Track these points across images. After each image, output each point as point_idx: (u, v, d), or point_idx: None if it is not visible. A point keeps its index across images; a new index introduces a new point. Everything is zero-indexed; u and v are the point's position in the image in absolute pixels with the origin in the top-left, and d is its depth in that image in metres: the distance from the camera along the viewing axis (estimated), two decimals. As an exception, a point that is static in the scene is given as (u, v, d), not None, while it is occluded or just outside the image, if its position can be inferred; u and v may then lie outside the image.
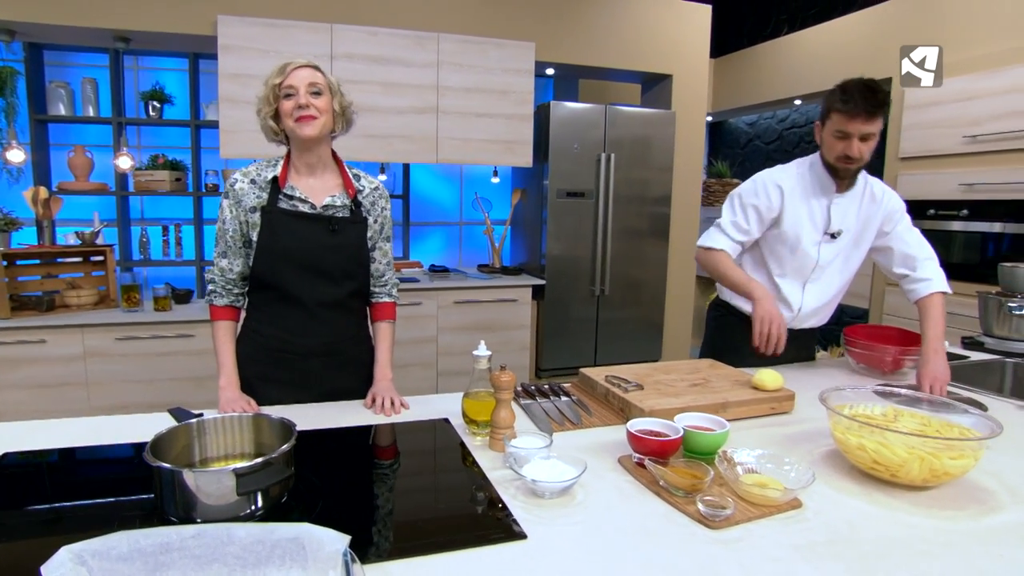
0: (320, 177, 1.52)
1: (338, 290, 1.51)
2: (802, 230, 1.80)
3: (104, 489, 1.04)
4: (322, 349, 1.52)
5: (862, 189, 1.82)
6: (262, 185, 1.46)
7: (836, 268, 1.86)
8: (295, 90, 1.41)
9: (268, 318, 1.50)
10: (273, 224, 1.45)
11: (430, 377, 3.52)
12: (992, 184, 3.22)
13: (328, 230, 1.48)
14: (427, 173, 4.28)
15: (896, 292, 3.73)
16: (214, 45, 3.18)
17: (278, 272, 1.45)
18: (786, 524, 0.96)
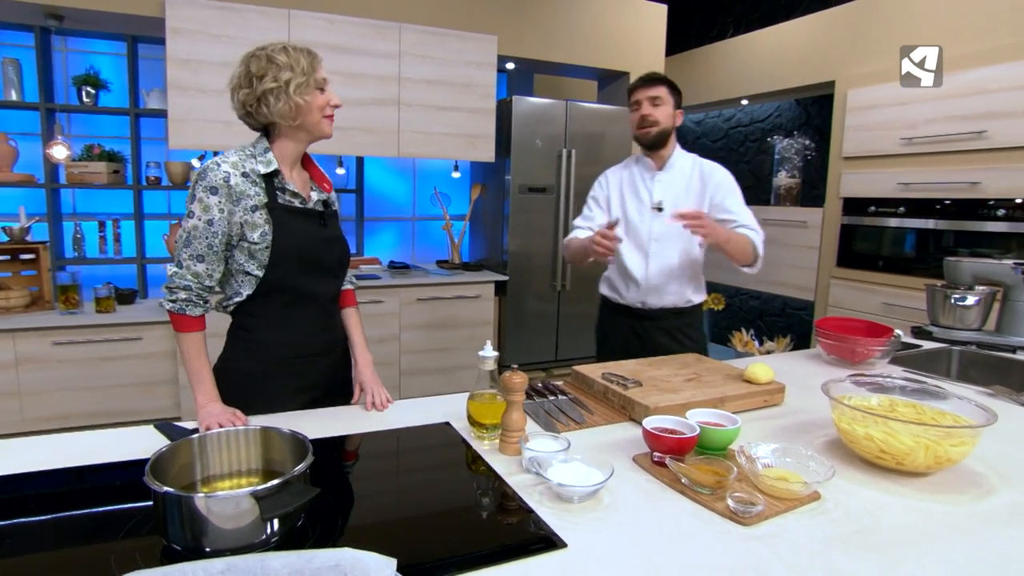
0: (300, 171, 1.47)
1: (338, 283, 1.52)
2: (630, 208, 2.05)
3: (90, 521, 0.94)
4: (334, 344, 1.53)
5: (690, 169, 2.04)
6: (255, 180, 1.35)
7: (673, 242, 2.01)
8: (326, 84, 1.38)
9: (279, 325, 1.41)
10: (283, 222, 1.36)
11: (393, 376, 3.43)
12: (927, 183, 3.43)
13: (319, 224, 1.45)
14: (380, 167, 4.17)
15: (840, 284, 3.93)
16: (157, 27, 2.98)
17: (295, 273, 1.39)
18: (812, 517, 0.97)
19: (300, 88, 1.32)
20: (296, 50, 1.36)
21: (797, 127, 4.82)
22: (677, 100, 2.01)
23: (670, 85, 1.99)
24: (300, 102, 1.33)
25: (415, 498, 1.06)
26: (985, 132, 3.15)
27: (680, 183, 2.03)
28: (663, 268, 2.02)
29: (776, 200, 4.63)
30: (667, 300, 2.05)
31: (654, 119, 1.95)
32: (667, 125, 1.98)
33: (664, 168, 2.04)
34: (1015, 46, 3.00)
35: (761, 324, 5.27)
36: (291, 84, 1.31)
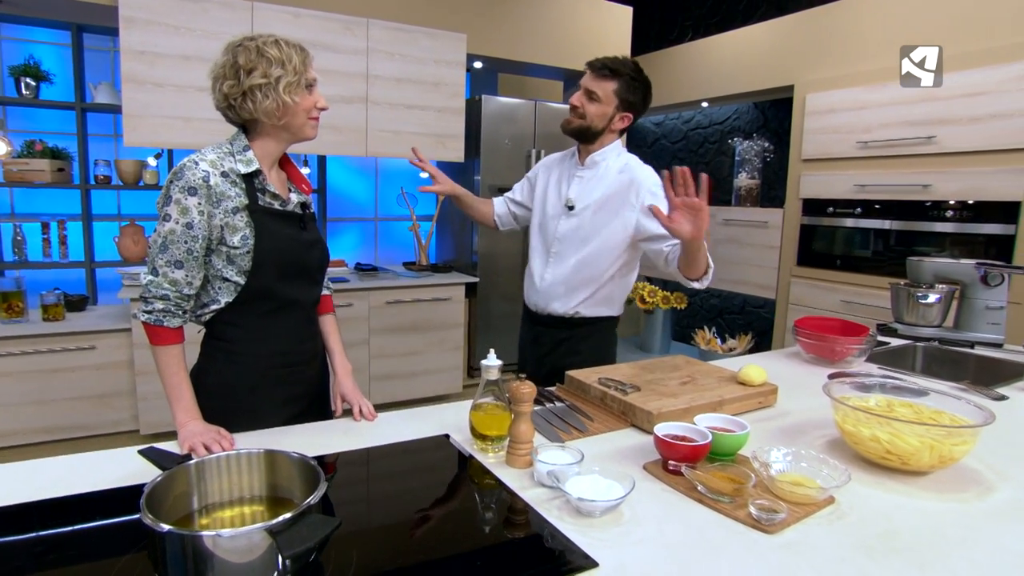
0: (278, 172, 1.41)
1: (319, 289, 1.46)
2: (547, 203, 1.90)
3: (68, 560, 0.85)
4: (318, 350, 1.48)
5: (617, 171, 1.80)
6: (235, 180, 1.27)
7: (573, 244, 1.83)
8: (316, 84, 1.33)
9: (261, 334, 1.33)
10: (265, 226, 1.29)
11: (363, 382, 3.34)
12: (882, 185, 3.56)
13: (299, 227, 1.38)
14: (342, 166, 4.06)
15: (801, 283, 4.04)
16: (107, 16, 2.80)
17: (278, 279, 1.32)
18: (831, 522, 0.97)
19: (290, 87, 1.26)
20: (289, 45, 1.29)
21: (755, 129, 4.94)
22: (627, 103, 1.75)
23: (625, 84, 1.72)
24: (288, 101, 1.26)
25: (430, 519, 1.01)
26: (934, 137, 3.30)
27: (600, 184, 1.81)
28: (559, 273, 1.86)
29: (737, 201, 4.73)
30: (555, 307, 1.88)
31: (581, 112, 1.75)
32: (594, 125, 1.75)
33: (587, 165, 1.84)
34: (961, 56, 3.14)
35: (721, 322, 5.38)
36: (281, 82, 1.24)
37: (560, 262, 1.85)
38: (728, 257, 4.62)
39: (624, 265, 1.86)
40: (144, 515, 0.71)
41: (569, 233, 1.83)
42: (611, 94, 1.72)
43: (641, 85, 1.76)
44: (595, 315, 1.90)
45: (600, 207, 1.80)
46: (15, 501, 0.96)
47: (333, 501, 0.98)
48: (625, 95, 1.74)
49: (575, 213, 1.82)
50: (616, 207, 1.79)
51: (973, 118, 3.14)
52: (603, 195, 1.80)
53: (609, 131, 1.79)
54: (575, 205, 1.82)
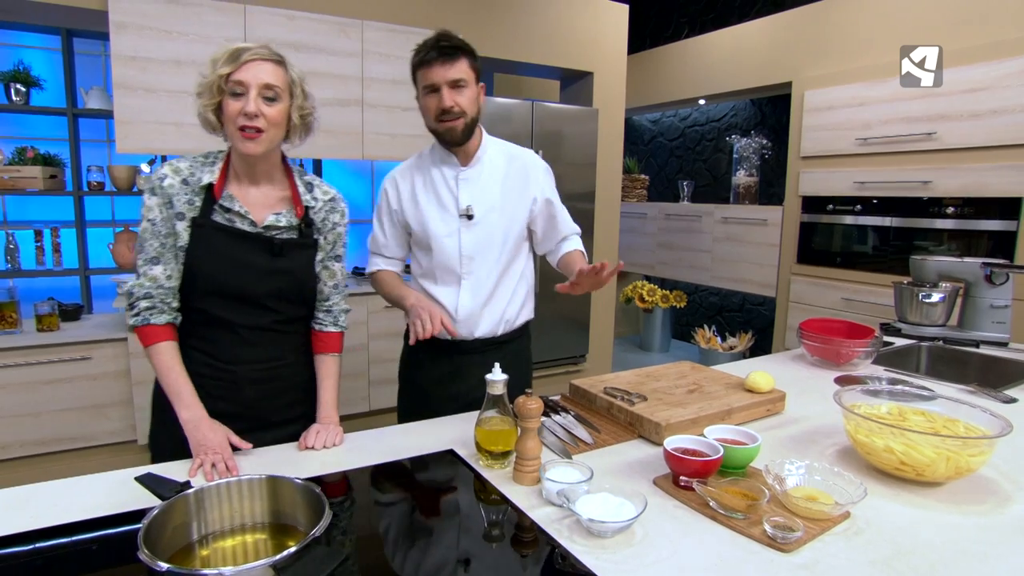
0: (264, 188, 1.30)
1: (273, 316, 1.31)
2: (429, 220, 1.58)
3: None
4: (256, 375, 1.31)
5: (503, 162, 1.62)
6: (195, 188, 1.24)
7: (487, 254, 1.60)
8: (245, 89, 1.17)
9: (193, 341, 1.29)
10: (205, 242, 1.23)
11: (362, 388, 3.31)
12: (882, 182, 3.55)
13: (268, 253, 1.27)
14: (337, 168, 4.02)
15: (801, 281, 4.03)
16: (98, 21, 2.76)
17: (204, 297, 1.25)
18: (848, 539, 0.95)
19: (204, 90, 1.20)
20: (228, 47, 1.20)
21: (753, 126, 4.92)
22: (478, 74, 1.51)
23: (471, 56, 1.48)
24: (200, 109, 1.22)
25: (436, 541, 0.98)
26: (935, 133, 3.28)
27: (492, 180, 1.59)
28: (479, 291, 1.60)
29: (735, 199, 4.71)
30: (484, 328, 1.62)
31: (460, 109, 1.46)
32: (474, 115, 1.50)
33: (471, 164, 1.58)
34: (961, 52, 3.12)
35: (721, 320, 5.37)
36: (201, 97, 1.21)
37: (477, 281, 1.60)
38: (727, 255, 4.61)
39: (527, 251, 1.72)
40: (141, 552, 0.69)
41: (478, 244, 1.58)
42: (469, 71, 1.47)
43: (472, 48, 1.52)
44: (527, 318, 1.76)
45: (504, 204, 1.60)
46: (11, 531, 0.93)
47: (336, 523, 0.95)
48: (475, 66, 1.50)
49: (477, 220, 1.57)
50: (517, 198, 1.62)
51: (973, 114, 3.13)
52: (502, 192, 1.60)
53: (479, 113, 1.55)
54: (474, 213, 1.57)
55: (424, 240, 1.60)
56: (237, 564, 0.70)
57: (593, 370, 4.33)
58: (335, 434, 1.30)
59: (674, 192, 5.46)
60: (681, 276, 5.03)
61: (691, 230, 4.89)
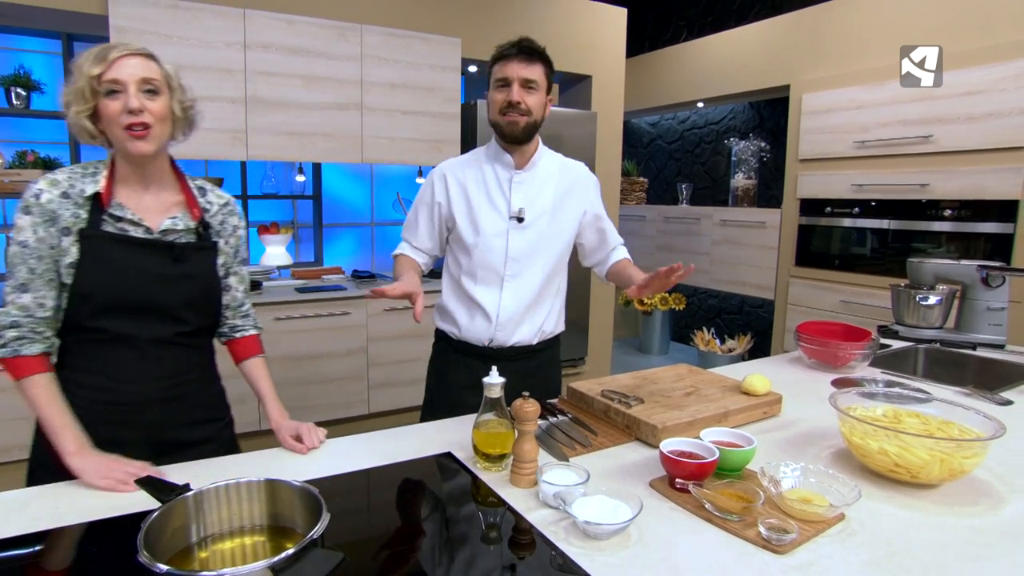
0: (156, 193, 1.23)
1: (180, 327, 1.24)
2: (480, 217, 1.59)
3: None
4: (161, 394, 1.23)
5: (556, 170, 1.65)
6: (78, 200, 1.15)
7: (533, 259, 1.61)
8: (122, 87, 1.10)
9: (87, 364, 1.19)
10: (97, 254, 1.15)
11: (361, 391, 3.31)
12: (879, 185, 3.56)
13: (169, 259, 1.21)
14: (337, 172, 4.03)
15: (799, 283, 4.04)
16: (98, 26, 2.77)
17: (99, 315, 1.16)
18: (843, 540, 0.96)
19: (74, 97, 1.11)
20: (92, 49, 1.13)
21: (751, 129, 4.94)
22: (550, 85, 1.56)
23: (548, 65, 1.53)
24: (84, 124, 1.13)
25: (434, 543, 0.99)
26: (932, 136, 3.29)
27: (544, 187, 1.61)
28: (522, 296, 1.60)
29: (734, 201, 4.72)
30: (521, 336, 1.63)
31: (525, 108, 1.49)
32: (540, 117, 1.54)
33: (526, 167, 1.60)
34: (958, 55, 3.13)
35: (720, 322, 5.37)
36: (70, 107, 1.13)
37: (520, 284, 1.60)
38: (725, 257, 4.62)
39: (566, 267, 1.74)
40: (141, 554, 0.69)
41: (526, 248, 1.59)
42: (543, 78, 1.52)
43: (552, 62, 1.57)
44: (560, 330, 1.75)
45: (555, 212, 1.62)
46: (11, 534, 0.94)
47: (335, 526, 0.95)
48: (550, 76, 1.55)
49: (528, 224, 1.58)
50: (568, 209, 1.64)
51: (970, 117, 3.14)
52: (554, 198, 1.62)
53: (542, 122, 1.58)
54: (525, 216, 1.58)
55: (470, 237, 1.59)
56: (236, 566, 0.70)
57: (592, 372, 4.34)
58: (318, 430, 1.30)
59: (673, 195, 5.48)
60: (680, 279, 5.04)
61: (690, 233, 4.91)
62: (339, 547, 0.87)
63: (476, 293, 1.61)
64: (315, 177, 3.92)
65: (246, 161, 3.40)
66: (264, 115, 3.02)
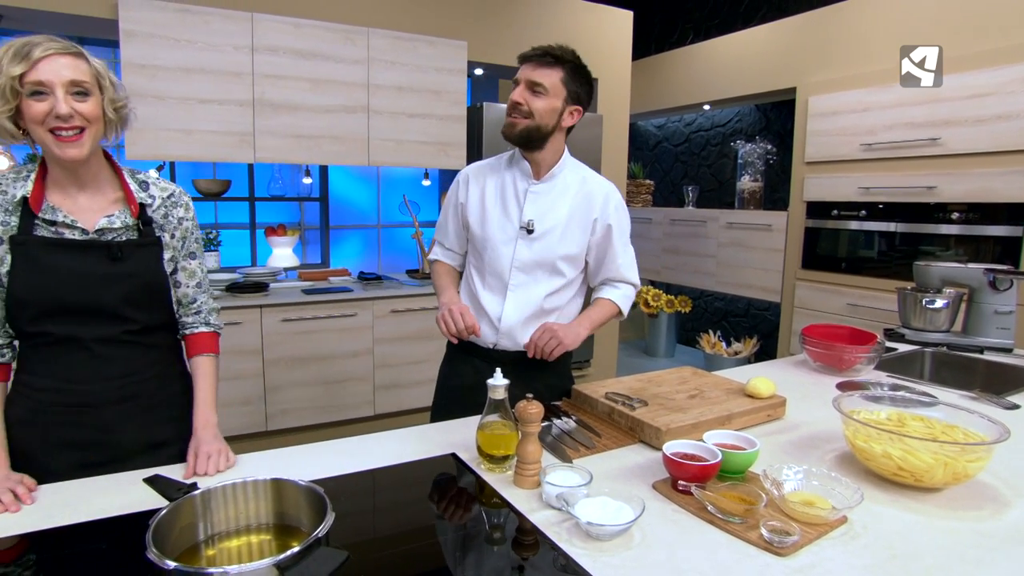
0: (91, 192, 1.19)
1: (126, 325, 1.21)
2: (492, 224, 1.58)
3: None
4: (115, 395, 1.20)
5: (576, 186, 1.60)
6: (8, 207, 1.12)
7: (539, 273, 1.58)
8: (48, 89, 1.05)
9: (39, 367, 1.18)
10: (30, 259, 1.11)
11: (367, 392, 3.33)
12: (886, 188, 3.55)
13: (107, 258, 1.17)
14: (343, 174, 4.05)
15: (806, 286, 4.02)
16: (108, 30, 2.81)
17: (42, 319, 1.14)
18: (845, 543, 0.96)
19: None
20: (12, 44, 1.06)
21: (757, 131, 4.93)
22: (575, 95, 1.50)
23: (571, 72, 1.48)
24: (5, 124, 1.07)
25: (438, 543, 1.00)
26: (939, 139, 3.28)
27: (560, 201, 1.57)
28: (524, 305, 1.58)
29: (740, 203, 4.72)
30: (520, 343, 1.58)
31: (527, 110, 1.47)
32: (544, 123, 1.49)
33: (544, 179, 1.59)
34: (965, 58, 3.12)
35: (726, 325, 5.36)
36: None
37: (523, 295, 1.58)
38: (732, 260, 4.61)
39: (581, 284, 1.69)
40: (150, 551, 0.71)
41: (531, 261, 1.57)
42: (558, 84, 1.47)
43: (586, 73, 1.53)
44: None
45: (567, 228, 1.57)
46: (19, 531, 0.95)
47: (339, 526, 0.96)
48: (572, 85, 1.49)
49: (536, 237, 1.55)
50: (579, 222, 1.58)
51: (978, 119, 3.13)
52: (568, 213, 1.57)
53: (559, 130, 1.54)
54: (535, 228, 1.55)
55: (481, 242, 1.61)
56: (242, 564, 0.72)
57: (597, 375, 4.34)
58: (223, 455, 1.19)
59: (679, 197, 5.47)
60: (686, 281, 5.04)
61: (696, 235, 4.90)
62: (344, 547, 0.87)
63: (483, 298, 1.61)
64: (322, 179, 3.94)
65: (253, 163, 3.43)
66: (272, 118, 3.04)
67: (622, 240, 1.63)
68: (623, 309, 1.65)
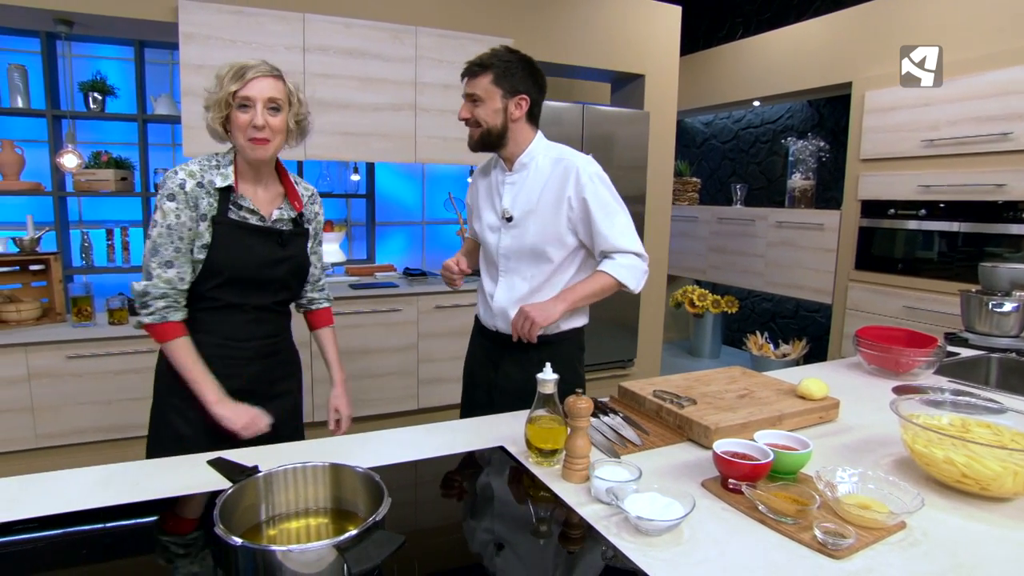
0: (267, 186, 1.47)
1: (278, 296, 1.50)
2: (483, 217, 1.75)
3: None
4: (263, 350, 1.49)
5: (549, 169, 1.63)
6: (209, 190, 1.37)
7: (522, 258, 1.66)
8: (252, 103, 1.33)
9: (207, 327, 1.42)
10: (226, 236, 1.38)
11: (411, 386, 3.38)
12: (949, 186, 3.39)
13: (277, 243, 1.46)
14: (389, 171, 4.12)
15: (859, 287, 3.89)
16: (166, 32, 2.92)
17: (223, 287, 1.39)
18: (903, 549, 0.93)
19: (214, 106, 1.34)
20: (233, 65, 1.34)
21: (810, 128, 4.79)
22: (511, 88, 1.57)
23: (499, 71, 1.56)
24: (209, 121, 1.36)
25: (487, 533, 1.01)
26: (1011, 133, 3.12)
27: (534, 186, 1.64)
28: (513, 291, 1.68)
29: (791, 202, 4.59)
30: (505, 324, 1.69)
31: (474, 121, 1.60)
32: (492, 125, 1.58)
33: (515, 170, 1.66)
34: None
35: (774, 326, 5.23)
36: (209, 111, 1.36)
37: (511, 279, 1.68)
38: (781, 260, 4.49)
39: (583, 262, 1.71)
40: (217, 527, 0.74)
41: (514, 246, 1.66)
42: (490, 87, 1.56)
43: (518, 63, 1.58)
44: (568, 327, 1.72)
45: (542, 210, 1.63)
46: (96, 504, 1.01)
47: (391, 513, 0.99)
48: (504, 82, 1.56)
49: (515, 224, 1.65)
50: (553, 202, 1.62)
51: (1052, 113, 2.96)
52: (540, 194, 1.63)
53: (513, 123, 1.59)
54: (513, 215, 1.65)
55: (478, 234, 1.81)
56: (303, 543, 0.74)
57: (641, 374, 4.29)
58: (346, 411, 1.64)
59: (726, 195, 5.36)
60: (733, 281, 4.94)
61: (744, 234, 4.79)
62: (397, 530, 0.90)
63: (485, 284, 1.78)
64: (369, 176, 4.01)
65: (303, 161, 3.51)
66: (321, 116, 3.11)
67: (603, 211, 1.61)
68: (621, 279, 1.62)
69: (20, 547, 0.89)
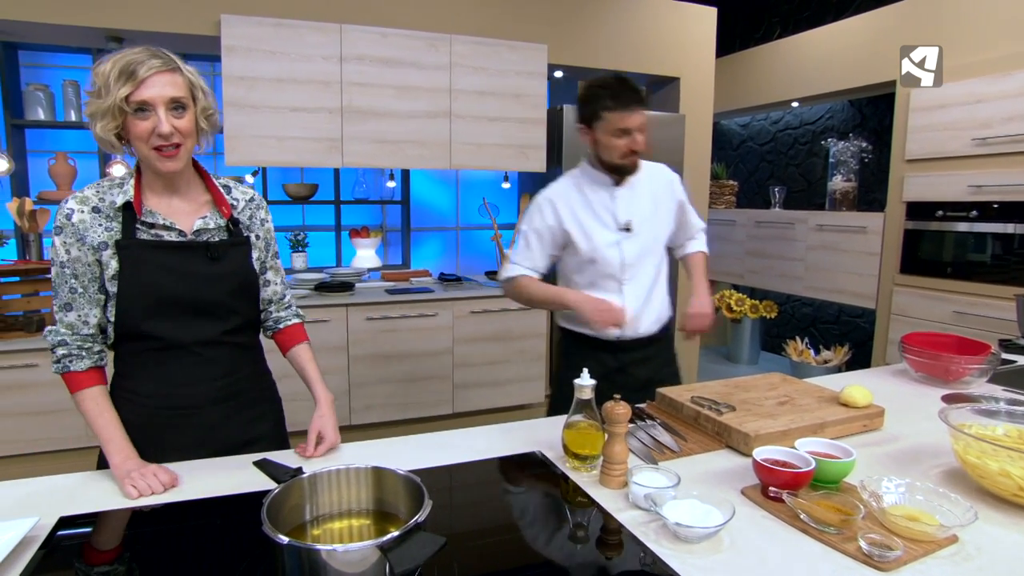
0: (185, 195, 1.24)
1: (224, 324, 1.26)
2: (594, 234, 1.78)
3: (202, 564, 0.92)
4: (218, 395, 1.26)
5: (647, 178, 1.85)
6: (109, 214, 1.16)
7: (645, 263, 1.83)
8: (151, 107, 1.10)
9: (143, 373, 1.22)
10: (135, 262, 1.16)
11: (446, 390, 3.41)
12: (1003, 186, 3.27)
13: (206, 258, 1.22)
14: (424, 177, 4.17)
15: (905, 292, 3.77)
16: (211, 46, 3.02)
17: (149, 321, 1.18)
18: (956, 564, 0.90)
19: (100, 114, 1.10)
20: (114, 63, 1.09)
21: (851, 129, 4.67)
22: None
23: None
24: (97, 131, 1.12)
25: (525, 537, 1.02)
26: (1067, 131, 2.99)
27: (644, 196, 1.82)
28: (640, 295, 1.82)
29: (832, 205, 4.48)
30: (646, 326, 1.84)
31: (646, 150, 1.75)
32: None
33: (623, 184, 1.80)
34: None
35: (815, 332, 5.11)
36: (96, 121, 1.11)
37: (638, 284, 1.82)
38: (822, 264, 4.39)
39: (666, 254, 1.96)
40: (265, 525, 0.76)
41: (639, 253, 1.80)
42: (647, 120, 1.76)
43: None
44: (670, 314, 1.96)
45: (654, 214, 1.84)
46: (141, 504, 1.06)
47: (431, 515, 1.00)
48: None
49: (636, 232, 1.79)
50: (665, 208, 1.88)
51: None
52: (652, 203, 1.84)
53: None
54: (632, 226, 1.79)
55: (587, 253, 1.79)
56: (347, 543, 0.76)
57: (676, 380, 4.24)
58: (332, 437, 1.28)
59: (764, 198, 5.26)
60: (772, 286, 4.84)
61: (783, 238, 4.69)
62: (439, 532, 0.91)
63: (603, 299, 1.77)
64: (404, 183, 4.08)
65: (340, 168, 3.59)
66: (358, 124, 3.18)
67: (690, 205, 1.98)
68: (707, 250, 2.05)
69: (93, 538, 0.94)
